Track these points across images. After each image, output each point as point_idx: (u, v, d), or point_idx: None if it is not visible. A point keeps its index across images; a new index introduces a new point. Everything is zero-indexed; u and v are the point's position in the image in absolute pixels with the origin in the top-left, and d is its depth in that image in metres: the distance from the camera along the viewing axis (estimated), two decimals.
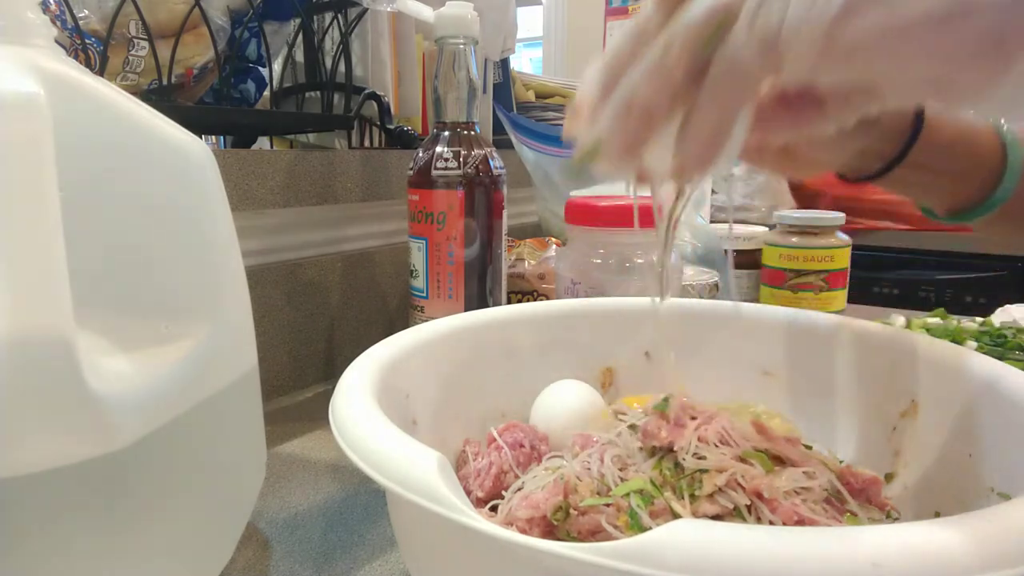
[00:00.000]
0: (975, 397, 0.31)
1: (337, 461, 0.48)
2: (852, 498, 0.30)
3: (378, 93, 0.73)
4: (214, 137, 0.87)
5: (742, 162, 0.32)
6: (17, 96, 0.23)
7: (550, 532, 0.27)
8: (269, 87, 0.69)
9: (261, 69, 0.69)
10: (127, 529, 0.26)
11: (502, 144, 0.71)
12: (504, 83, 0.98)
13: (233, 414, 0.32)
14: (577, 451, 0.32)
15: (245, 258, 0.33)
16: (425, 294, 0.53)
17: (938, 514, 0.31)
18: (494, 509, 0.30)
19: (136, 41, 0.54)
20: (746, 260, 0.81)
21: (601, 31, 2.97)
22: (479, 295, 0.54)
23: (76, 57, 0.49)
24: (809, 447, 0.34)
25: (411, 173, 0.53)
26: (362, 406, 0.26)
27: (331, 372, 0.66)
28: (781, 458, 0.30)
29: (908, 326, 0.63)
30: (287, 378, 0.62)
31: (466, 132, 0.52)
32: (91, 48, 0.51)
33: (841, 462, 0.34)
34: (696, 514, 0.26)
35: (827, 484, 0.29)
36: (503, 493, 0.31)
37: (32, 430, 0.22)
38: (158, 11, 0.55)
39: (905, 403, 0.35)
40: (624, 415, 0.35)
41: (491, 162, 0.53)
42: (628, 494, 0.27)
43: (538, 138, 0.73)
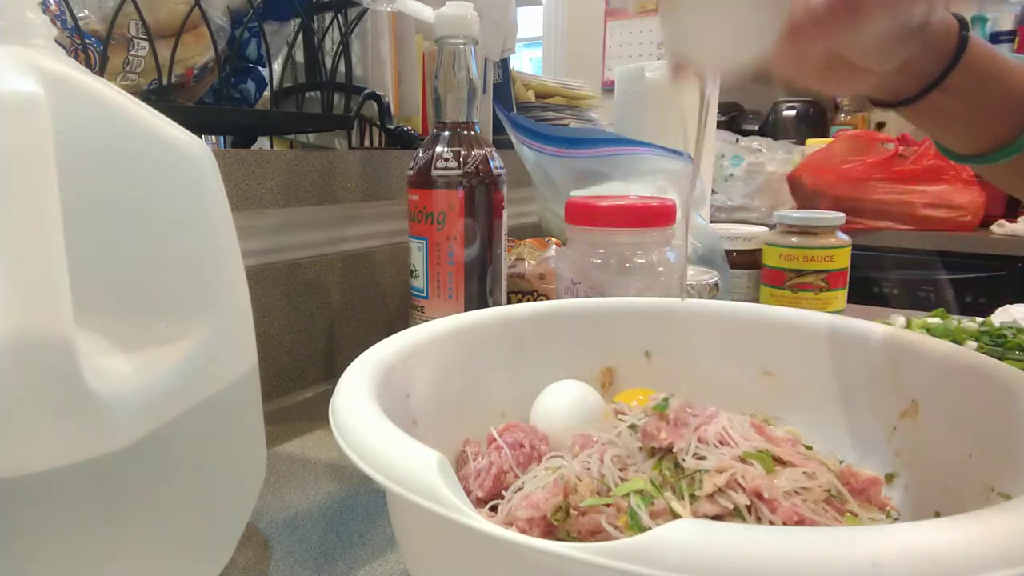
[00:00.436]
0: (975, 397, 0.31)
1: (337, 461, 0.48)
2: (852, 498, 0.30)
3: (378, 93, 0.73)
4: (214, 137, 0.87)
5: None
6: (17, 96, 0.23)
7: (550, 532, 0.27)
8: (269, 87, 0.69)
9: (261, 69, 0.69)
10: (127, 529, 0.26)
11: (502, 144, 0.71)
12: (504, 83, 0.98)
13: (233, 414, 0.32)
14: (577, 451, 0.32)
15: (245, 258, 0.32)
16: (425, 294, 0.53)
17: (938, 514, 0.31)
18: (494, 509, 0.30)
19: (136, 41, 0.54)
20: (746, 260, 0.81)
21: (601, 31, 2.97)
22: (479, 295, 0.54)
23: (76, 57, 0.49)
24: (809, 447, 0.34)
25: (411, 173, 0.53)
26: (362, 406, 0.26)
27: (331, 372, 0.66)
28: (781, 458, 0.30)
29: (908, 326, 0.63)
30: (287, 378, 0.62)
31: (466, 132, 0.52)
32: (91, 48, 0.51)
33: (841, 462, 0.34)
34: (696, 514, 0.26)
35: (827, 484, 0.29)
36: (503, 493, 0.31)
37: (32, 430, 0.22)
38: (158, 11, 0.55)
39: (905, 403, 0.35)
40: (624, 415, 0.35)
41: (491, 162, 0.53)
42: (628, 494, 0.27)
43: (538, 138, 0.73)
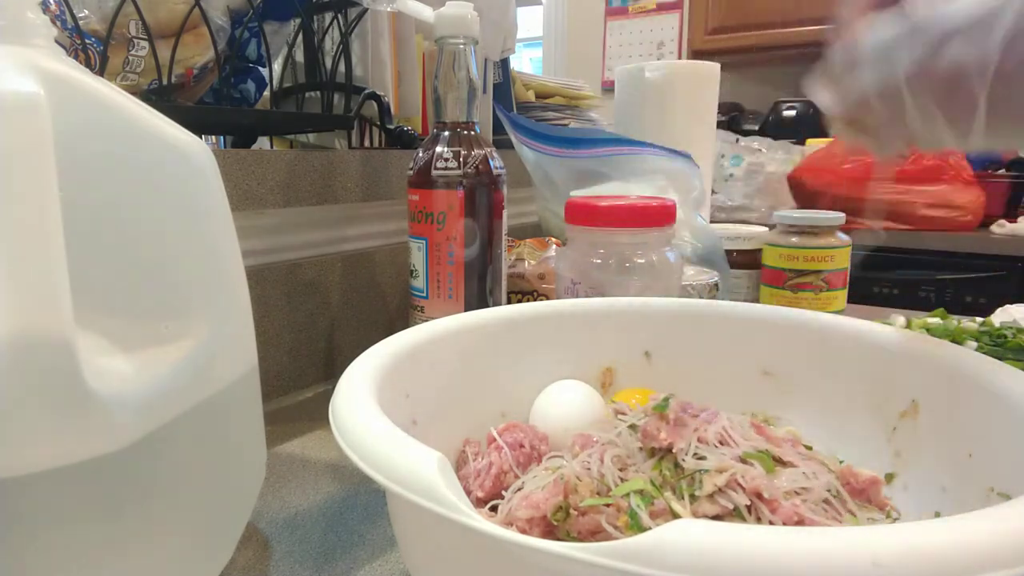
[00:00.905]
0: (975, 397, 0.31)
1: (337, 461, 0.48)
2: (852, 498, 0.30)
3: (378, 93, 0.73)
4: (214, 137, 0.87)
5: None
6: (17, 96, 0.23)
7: (550, 532, 0.27)
8: (269, 87, 0.69)
9: (261, 69, 0.69)
10: (127, 529, 0.26)
11: (502, 144, 0.71)
12: (504, 83, 0.98)
13: (233, 414, 0.32)
14: (577, 451, 0.32)
15: (245, 258, 0.32)
16: (425, 294, 0.53)
17: (938, 514, 0.31)
18: (494, 509, 0.30)
19: (136, 41, 0.54)
20: (746, 260, 0.81)
21: (601, 31, 2.97)
22: (479, 295, 0.54)
23: (76, 57, 0.49)
24: (809, 447, 0.34)
25: (411, 173, 0.53)
26: (362, 406, 0.26)
27: (331, 372, 0.66)
28: (781, 459, 0.30)
29: (908, 326, 0.63)
30: (287, 378, 0.62)
31: (466, 132, 0.52)
32: (91, 48, 0.51)
33: (841, 462, 0.34)
34: (696, 514, 0.26)
35: (827, 484, 0.29)
36: (503, 493, 0.31)
37: (32, 430, 0.22)
38: (158, 11, 0.55)
39: (905, 403, 0.35)
40: (624, 415, 0.35)
41: (491, 162, 0.53)
42: (628, 494, 0.27)
43: (538, 138, 0.73)
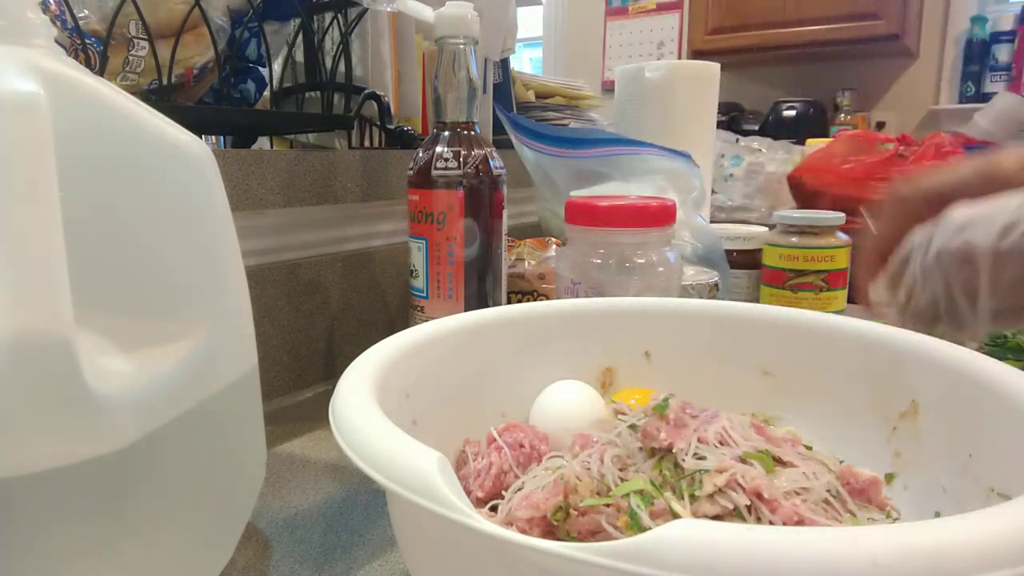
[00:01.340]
0: (975, 397, 0.31)
1: (337, 461, 0.48)
2: (852, 498, 0.30)
3: (378, 93, 0.73)
4: (214, 137, 0.87)
5: None
6: (17, 96, 0.23)
7: (550, 532, 0.27)
8: (269, 87, 0.69)
9: (261, 69, 0.69)
10: (127, 529, 0.26)
11: (502, 144, 0.71)
12: (504, 83, 0.98)
13: (233, 414, 0.32)
14: (577, 451, 0.32)
15: (245, 258, 0.33)
16: (425, 294, 0.53)
17: (938, 514, 0.31)
18: (494, 509, 0.30)
19: (136, 41, 0.54)
20: (746, 260, 0.81)
21: (601, 31, 2.97)
22: (479, 295, 0.54)
23: (76, 57, 0.49)
24: (809, 447, 0.34)
25: (411, 173, 0.53)
26: (362, 406, 0.26)
27: (331, 372, 0.66)
28: (781, 459, 0.30)
29: None
30: (287, 378, 0.62)
31: (466, 132, 0.52)
32: (91, 48, 0.51)
33: (841, 462, 0.34)
34: (696, 514, 0.26)
35: (827, 484, 0.29)
36: (503, 493, 0.31)
37: (32, 430, 0.22)
38: (158, 11, 0.55)
39: (905, 403, 0.35)
40: (624, 415, 0.35)
41: (491, 162, 0.53)
42: (628, 494, 0.27)
43: (538, 138, 0.73)
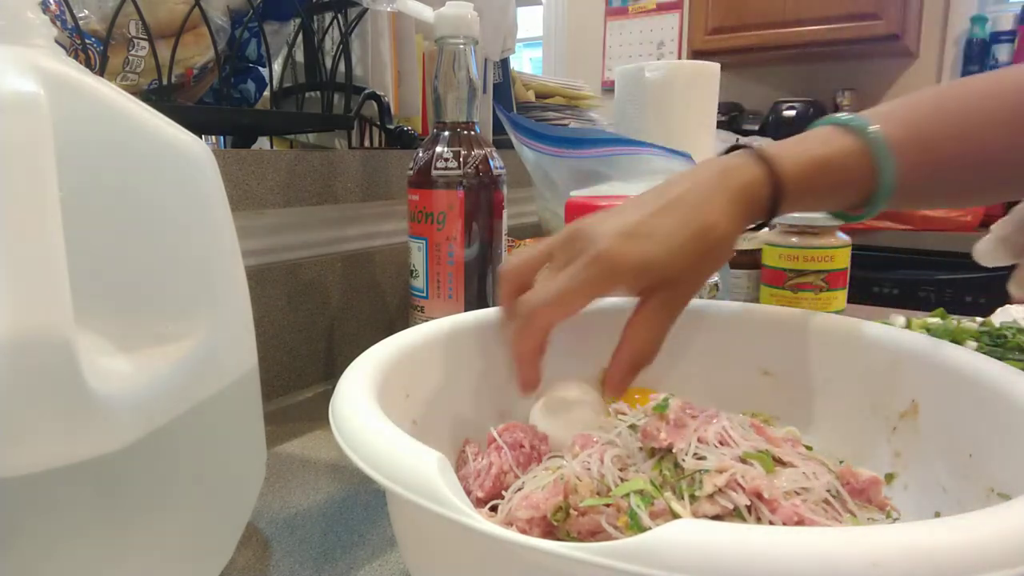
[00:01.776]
0: (975, 397, 0.31)
1: (337, 461, 0.48)
2: (852, 498, 0.30)
3: (378, 93, 0.73)
4: (214, 137, 0.87)
5: None
6: (17, 96, 0.23)
7: (550, 532, 0.27)
8: (269, 87, 0.69)
9: (261, 69, 0.69)
10: (127, 529, 0.26)
11: (502, 144, 0.71)
12: (504, 83, 0.98)
13: (233, 414, 0.32)
14: (577, 451, 0.32)
15: (245, 258, 0.32)
16: (425, 294, 0.53)
17: (938, 514, 0.31)
18: (494, 509, 0.30)
19: (136, 41, 0.54)
20: (746, 260, 0.81)
21: (601, 31, 2.97)
22: (479, 295, 0.54)
23: (76, 57, 0.49)
24: (809, 447, 0.34)
25: (411, 173, 0.53)
26: (362, 406, 0.26)
27: (331, 372, 0.66)
28: (781, 459, 0.30)
29: (908, 326, 0.63)
30: (287, 378, 0.62)
31: (466, 132, 0.52)
32: (91, 48, 0.51)
33: (841, 462, 0.34)
34: (696, 514, 0.26)
35: (827, 484, 0.29)
36: (503, 493, 0.31)
37: (32, 430, 0.22)
38: (158, 11, 0.55)
39: (905, 403, 0.35)
40: (624, 415, 0.35)
41: (491, 162, 0.53)
42: (628, 494, 0.27)
43: (538, 138, 0.73)
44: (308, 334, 0.63)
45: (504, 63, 0.97)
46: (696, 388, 0.40)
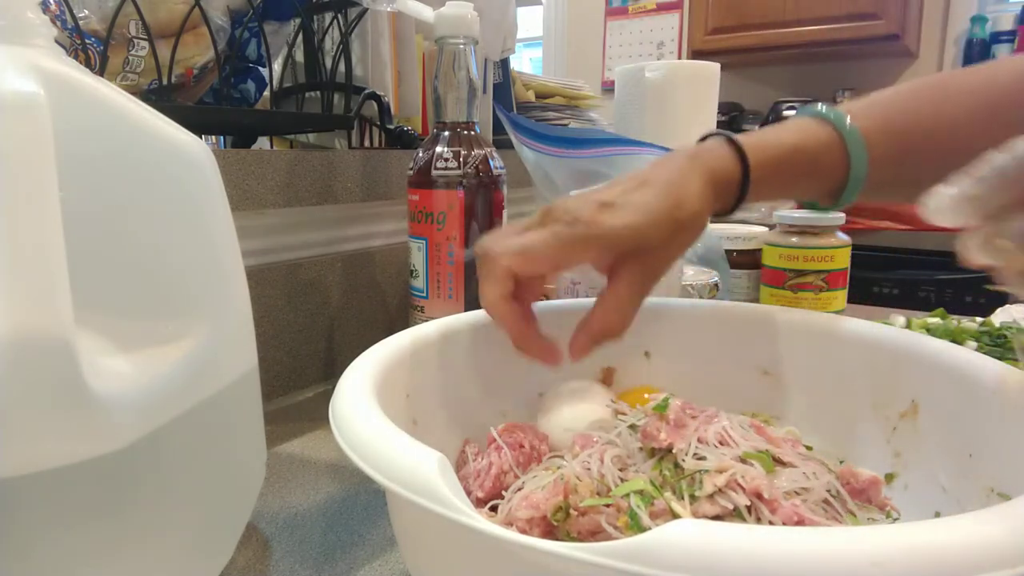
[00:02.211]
0: (975, 397, 0.31)
1: (337, 461, 0.48)
2: (852, 498, 0.30)
3: (378, 93, 0.73)
4: (214, 137, 0.87)
5: None
6: (17, 96, 0.23)
7: (550, 532, 0.27)
8: (269, 87, 0.69)
9: (261, 69, 0.69)
10: (127, 529, 0.26)
11: (502, 144, 0.71)
12: (504, 83, 0.98)
13: (233, 414, 0.32)
14: (577, 451, 0.32)
15: (245, 258, 0.32)
16: (425, 294, 0.53)
17: (938, 514, 0.31)
18: (494, 509, 0.30)
19: (136, 41, 0.54)
20: (746, 260, 0.81)
21: (601, 31, 2.97)
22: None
23: (76, 57, 0.49)
24: (809, 447, 0.34)
25: (411, 173, 0.53)
26: (362, 406, 0.26)
27: (331, 372, 0.66)
28: (781, 459, 0.30)
29: (908, 326, 0.63)
30: (287, 378, 0.62)
31: (466, 132, 0.52)
32: (91, 48, 0.51)
33: (841, 462, 0.34)
34: (696, 515, 0.26)
35: (827, 484, 0.29)
36: (503, 494, 0.31)
37: (32, 430, 0.22)
38: (158, 11, 0.55)
39: (905, 403, 0.35)
40: (624, 415, 0.35)
41: (491, 162, 0.53)
42: (628, 494, 0.27)
43: (538, 138, 0.73)
44: (308, 334, 0.63)
45: (504, 63, 0.97)
46: (696, 388, 0.40)
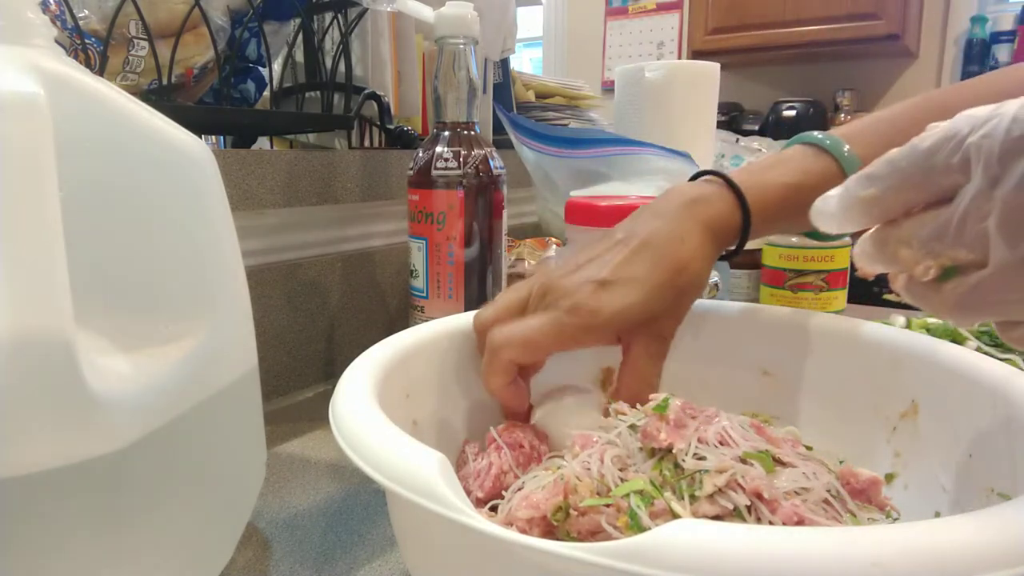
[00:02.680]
0: (975, 397, 0.31)
1: (337, 461, 0.48)
2: (852, 498, 0.30)
3: (378, 93, 0.73)
4: (214, 137, 0.87)
5: None
6: (17, 96, 0.23)
7: (550, 532, 0.27)
8: (269, 87, 0.69)
9: (261, 69, 0.69)
10: (127, 529, 0.26)
11: (502, 144, 0.71)
12: (504, 83, 0.98)
13: (233, 414, 0.32)
14: (577, 451, 0.32)
15: (245, 258, 0.32)
16: (425, 294, 0.53)
17: (938, 514, 0.31)
18: (494, 509, 0.30)
19: (136, 41, 0.54)
20: (746, 260, 0.81)
21: (601, 31, 2.97)
22: (479, 295, 0.54)
23: (76, 57, 0.49)
24: (809, 447, 0.34)
25: (411, 173, 0.53)
26: (362, 406, 0.26)
27: (331, 372, 0.66)
28: (781, 459, 0.30)
29: (908, 326, 0.63)
30: (287, 378, 0.62)
31: (466, 132, 0.52)
32: (91, 48, 0.51)
33: (841, 462, 0.34)
34: (696, 515, 0.26)
35: (827, 484, 0.29)
36: (503, 493, 0.31)
37: (32, 430, 0.22)
38: (158, 11, 0.55)
39: (905, 403, 0.35)
40: (624, 415, 0.35)
41: (491, 162, 0.53)
42: (628, 494, 0.27)
43: (538, 138, 0.73)
44: (308, 334, 0.63)
45: (504, 63, 0.97)
46: (696, 388, 0.40)
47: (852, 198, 0.25)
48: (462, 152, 0.51)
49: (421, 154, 0.52)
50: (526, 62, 3.44)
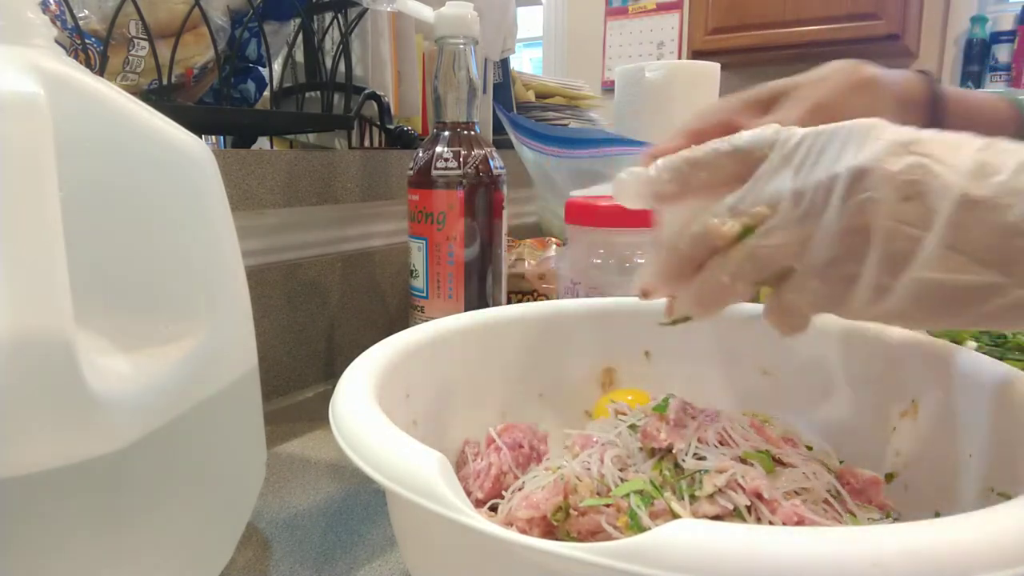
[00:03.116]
0: (975, 397, 0.31)
1: (337, 461, 0.48)
2: (852, 498, 0.30)
3: (378, 93, 0.73)
4: (214, 137, 0.87)
5: None
6: (17, 96, 0.23)
7: (550, 532, 0.27)
8: (269, 87, 0.69)
9: (261, 69, 0.69)
10: (127, 529, 0.26)
11: (502, 144, 0.71)
12: (504, 83, 0.98)
13: (233, 414, 0.32)
14: (577, 451, 0.32)
15: (245, 258, 0.32)
16: (425, 294, 0.53)
17: (938, 514, 0.31)
18: (494, 509, 0.30)
19: (136, 41, 0.54)
20: None
21: (601, 31, 2.97)
22: (479, 295, 0.54)
23: (76, 57, 0.49)
24: (809, 447, 0.34)
25: (411, 173, 0.53)
26: (362, 406, 0.26)
27: (331, 372, 0.66)
28: (781, 459, 0.30)
29: None
30: (287, 378, 0.62)
31: (466, 132, 0.52)
32: (91, 48, 0.51)
33: (841, 462, 0.34)
34: (696, 515, 0.26)
35: (827, 484, 0.29)
36: (503, 494, 0.31)
37: (32, 430, 0.22)
38: (158, 11, 0.55)
39: (905, 403, 0.35)
40: (624, 415, 0.35)
41: (491, 162, 0.53)
42: (628, 494, 0.27)
43: (538, 138, 0.73)
44: (308, 334, 0.63)
45: (504, 63, 0.97)
46: (696, 388, 0.40)
47: (659, 175, 0.28)
48: (462, 152, 0.51)
49: (421, 154, 0.52)
50: (526, 62, 3.44)
